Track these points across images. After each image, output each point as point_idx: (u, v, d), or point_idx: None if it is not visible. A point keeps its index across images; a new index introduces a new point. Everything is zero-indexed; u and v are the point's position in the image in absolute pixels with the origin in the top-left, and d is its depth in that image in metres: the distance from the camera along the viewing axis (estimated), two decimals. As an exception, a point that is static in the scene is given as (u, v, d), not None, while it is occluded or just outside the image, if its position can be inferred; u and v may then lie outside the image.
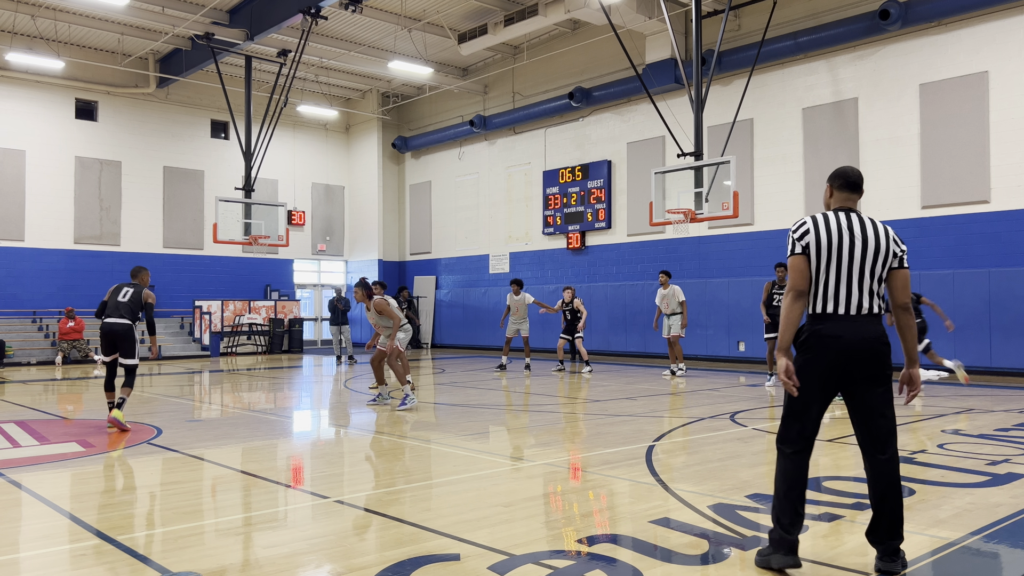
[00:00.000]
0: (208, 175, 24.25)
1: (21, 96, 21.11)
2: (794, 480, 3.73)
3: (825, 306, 3.70)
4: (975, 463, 6.29)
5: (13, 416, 9.66)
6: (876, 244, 3.71)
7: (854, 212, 3.82)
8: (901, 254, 3.76)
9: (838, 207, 3.87)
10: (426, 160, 26.43)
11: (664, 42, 18.43)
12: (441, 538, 4.31)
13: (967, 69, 14.54)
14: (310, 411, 10.87)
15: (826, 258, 3.69)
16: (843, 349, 3.64)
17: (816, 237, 3.72)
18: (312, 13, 17.22)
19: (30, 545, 4.35)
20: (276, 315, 23.49)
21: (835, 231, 3.71)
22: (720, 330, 17.86)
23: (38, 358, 19.67)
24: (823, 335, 3.67)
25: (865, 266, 3.68)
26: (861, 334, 3.65)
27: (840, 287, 3.68)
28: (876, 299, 3.71)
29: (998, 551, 4.15)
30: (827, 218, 3.77)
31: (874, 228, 3.74)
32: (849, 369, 3.67)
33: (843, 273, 3.68)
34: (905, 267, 3.76)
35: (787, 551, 3.70)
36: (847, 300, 3.68)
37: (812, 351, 3.69)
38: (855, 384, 3.70)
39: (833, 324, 3.67)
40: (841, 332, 3.65)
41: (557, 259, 21.74)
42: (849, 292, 3.68)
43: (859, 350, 3.65)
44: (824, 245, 3.70)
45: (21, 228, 21.08)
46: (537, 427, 8.54)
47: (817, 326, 3.70)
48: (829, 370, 3.67)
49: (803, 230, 3.76)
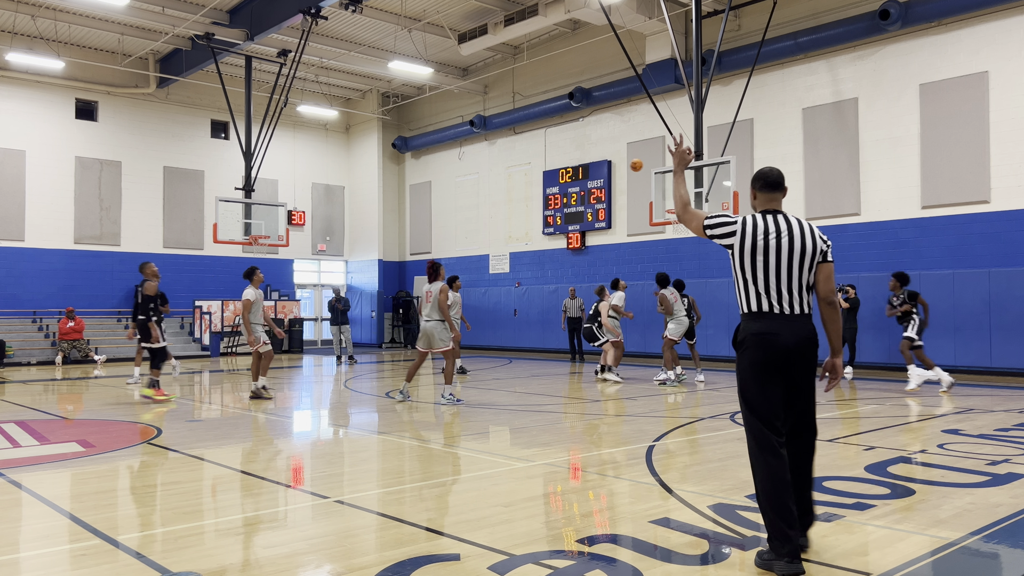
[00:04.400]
0: (208, 175, 24.25)
1: (21, 96, 21.11)
2: (780, 477, 3.71)
3: (760, 305, 3.82)
4: (975, 463, 6.28)
5: (13, 416, 9.66)
6: (803, 242, 3.82)
7: (780, 213, 3.93)
8: (826, 249, 3.89)
9: (764, 209, 3.98)
10: (426, 160, 26.43)
11: (664, 42, 18.43)
12: (441, 538, 4.31)
13: (967, 69, 14.54)
14: (310, 411, 10.87)
15: (757, 259, 3.81)
16: (781, 347, 3.77)
17: (740, 239, 3.85)
18: (312, 13, 17.22)
19: (30, 545, 4.35)
20: (276, 315, 23.49)
21: (761, 232, 3.83)
22: (720, 330, 17.85)
23: (38, 358, 19.67)
24: (761, 333, 3.80)
25: (793, 265, 3.80)
26: (797, 333, 3.78)
27: (771, 287, 3.80)
28: (807, 296, 3.85)
29: (998, 551, 4.15)
30: (755, 220, 3.89)
31: (800, 227, 3.86)
32: (787, 364, 3.80)
33: (773, 273, 3.80)
34: (830, 260, 3.88)
35: (791, 556, 3.61)
36: (779, 299, 3.80)
37: (753, 349, 3.82)
38: (789, 377, 3.84)
39: (769, 322, 3.80)
40: (778, 330, 3.78)
41: (557, 259, 21.74)
42: (780, 291, 3.80)
43: (795, 348, 3.78)
44: (749, 247, 3.83)
45: (21, 228, 21.08)
46: (537, 427, 8.54)
47: (754, 325, 3.82)
48: (771, 364, 3.79)
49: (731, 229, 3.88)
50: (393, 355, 22.44)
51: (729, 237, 3.87)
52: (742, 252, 3.84)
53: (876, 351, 15.45)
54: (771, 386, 3.79)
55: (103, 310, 22.23)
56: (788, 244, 3.80)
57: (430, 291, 10.39)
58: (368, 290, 27.19)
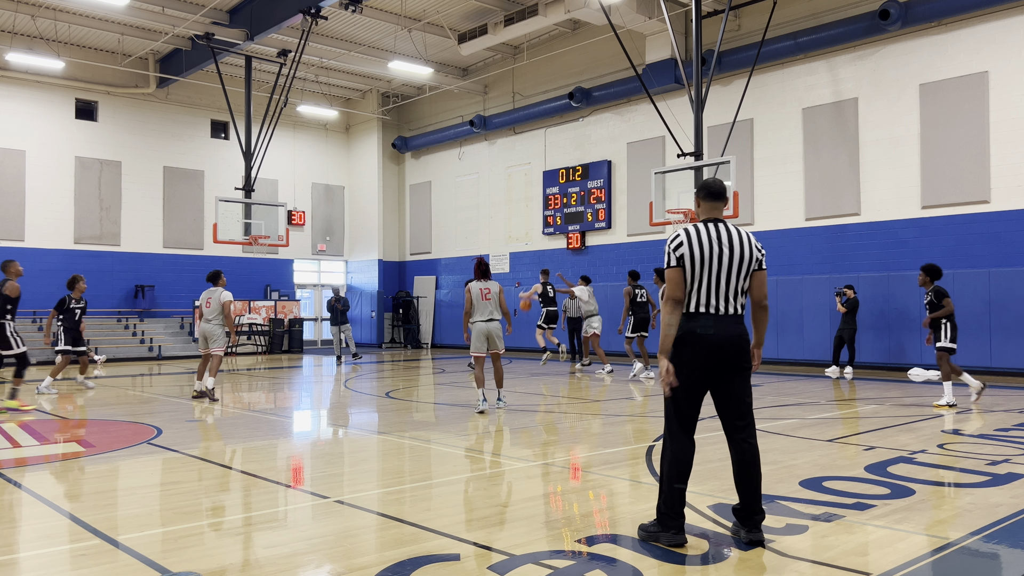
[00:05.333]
0: (208, 175, 24.25)
1: (21, 96, 21.11)
2: (685, 462, 4.13)
3: (699, 307, 4.11)
4: (975, 463, 6.29)
5: (13, 416, 9.66)
6: (741, 252, 4.14)
7: (721, 222, 4.23)
8: (761, 257, 4.22)
9: (706, 218, 4.28)
10: (426, 160, 26.43)
11: (664, 42, 18.43)
12: (441, 538, 4.31)
13: (967, 69, 14.54)
14: (310, 411, 10.87)
15: (700, 266, 4.09)
16: (714, 344, 4.07)
17: (690, 248, 4.11)
18: (312, 13, 17.22)
19: (30, 545, 4.35)
20: (276, 315, 23.49)
21: (706, 241, 4.13)
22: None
23: (38, 358, 19.65)
24: (697, 332, 4.08)
25: (732, 271, 4.12)
26: (729, 331, 4.09)
27: (710, 290, 4.10)
28: (740, 299, 4.17)
29: (998, 551, 4.15)
30: (698, 230, 4.17)
31: (739, 236, 4.18)
32: (719, 361, 4.09)
33: (713, 278, 4.10)
34: (763, 268, 4.23)
35: (677, 530, 4.08)
36: (716, 301, 4.11)
37: (688, 345, 4.10)
38: (722, 374, 4.13)
39: (705, 321, 4.09)
40: (712, 329, 4.08)
41: (557, 259, 21.73)
42: (718, 294, 4.11)
43: (727, 345, 4.08)
44: (697, 255, 4.10)
45: (21, 228, 21.08)
46: (537, 427, 8.54)
47: (691, 324, 4.11)
48: (703, 361, 4.08)
49: (678, 242, 4.15)
50: (393, 355, 22.44)
51: (680, 248, 4.13)
52: (692, 259, 4.10)
53: (876, 351, 15.45)
54: (698, 379, 4.11)
55: (103, 310, 22.23)
56: (729, 252, 4.11)
57: (489, 289, 9.59)
58: (368, 290, 27.20)
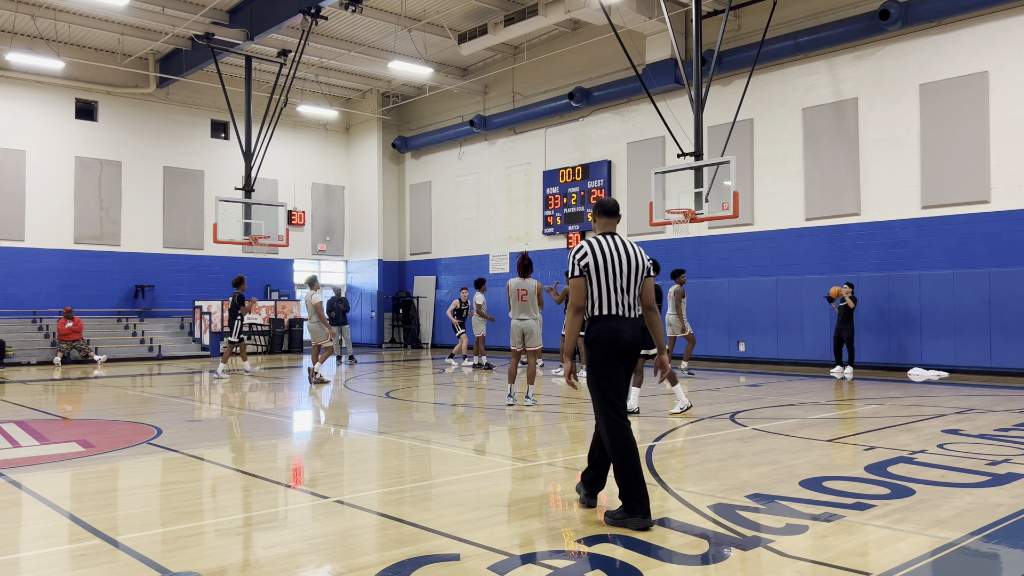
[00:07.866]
0: (208, 175, 24.25)
1: (21, 96, 21.11)
2: (631, 444, 4.55)
3: (610, 309, 4.65)
4: (975, 463, 6.29)
5: (13, 416, 9.67)
6: (632, 261, 4.70)
7: (616, 235, 4.81)
8: (649, 265, 4.82)
9: (603, 232, 4.85)
10: (426, 160, 26.43)
11: (664, 42, 18.43)
12: (441, 538, 4.31)
13: (967, 69, 14.54)
14: (310, 411, 10.87)
15: (603, 274, 4.64)
16: (624, 341, 4.63)
17: (594, 259, 4.67)
18: (312, 13, 17.22)
19: (30, 545, 4.35)
20: (276, 315, 23.49)
21: (608, 252, 4.69)
22: (720, 330, 17.86)
23: (38, 358, 19.66)
24: (610, 331, 4.62)
25: (629, 277, 4.69)
26: (633, 329, 4.69)
27: (613, 295, 4.65)
28: (637, 302, 4.74)
29: (998, 551, 4.15)
30: (600, 242, 4.74)
31: (632, 248, 4.76)
32: (628, 355, 4.67)
33: (614, 284, 4.65)
34: (651, 275, 4.84)
35: (644, 514, 4.42)
36: (620, 304, 4.66)
37: (605, 343, 4.62)
38: (631, 364, 4.74)
39: (614, 322, 4.64)
40: (621, 328, 4.64)
41: (557, 259, 21.73)
42: (620, 298, 4.67)
43: (638, 343, 4.71)
44: (601, 264, 4.65)
45: (21, 228, 21.08)
46: (537, 427, 8.54)
47: (602, 324, 4.65)
48: (617, 355, 4.63)
49: (582, 253, 4.70)
50: (393, 355, 22.43)
51: (584, 259, 4.67)
52: (596, 268, 4.64)
53: (876, 351, 15.45)
54: (617, 372, 4.65)
55: (103, 310, 22.24)
56: (625, 261, 4.68)
57: (526, 290, 9.56)
58: (368, 290, 27.19)
